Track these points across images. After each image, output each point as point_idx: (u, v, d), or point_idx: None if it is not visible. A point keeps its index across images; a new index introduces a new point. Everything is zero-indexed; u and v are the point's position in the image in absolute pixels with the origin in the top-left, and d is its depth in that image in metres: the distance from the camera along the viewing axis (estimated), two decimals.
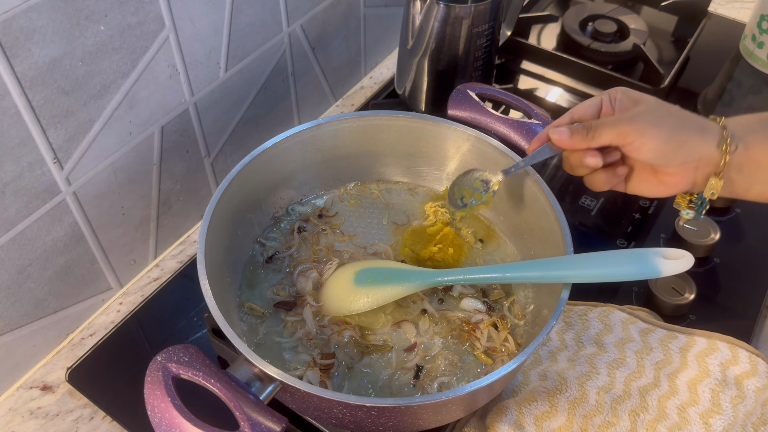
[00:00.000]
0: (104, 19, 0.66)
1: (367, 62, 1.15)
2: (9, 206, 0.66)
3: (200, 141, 0.86)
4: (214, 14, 0.79)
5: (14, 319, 0.71)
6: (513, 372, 0.57)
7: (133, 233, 0.82)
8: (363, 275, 0.69)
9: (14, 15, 0.58)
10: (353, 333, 0.67)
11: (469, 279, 0.67)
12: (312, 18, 0.95)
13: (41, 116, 0.64)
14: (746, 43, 1.18)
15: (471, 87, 0.76)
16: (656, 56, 1.16)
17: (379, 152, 0.80)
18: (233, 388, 0.52)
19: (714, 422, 0.67)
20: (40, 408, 0.74)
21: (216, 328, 0.62)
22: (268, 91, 0.94)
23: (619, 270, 0.60)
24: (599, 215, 0.92)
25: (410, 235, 0.76)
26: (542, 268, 0.63)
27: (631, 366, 0.71)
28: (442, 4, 0.88)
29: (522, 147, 0.73)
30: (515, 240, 0.76)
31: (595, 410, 0.68)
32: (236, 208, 0.70)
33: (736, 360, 0.71)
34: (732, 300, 0.83)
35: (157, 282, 0.85)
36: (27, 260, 0.70)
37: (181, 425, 0.49)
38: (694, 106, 1.11)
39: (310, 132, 0.74)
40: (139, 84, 0.73)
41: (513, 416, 0.67)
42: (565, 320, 0.77)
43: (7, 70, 0.60)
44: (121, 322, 0.80)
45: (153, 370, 0.51)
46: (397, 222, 0.78)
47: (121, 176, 0.77)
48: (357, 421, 0.57)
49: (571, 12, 1.21)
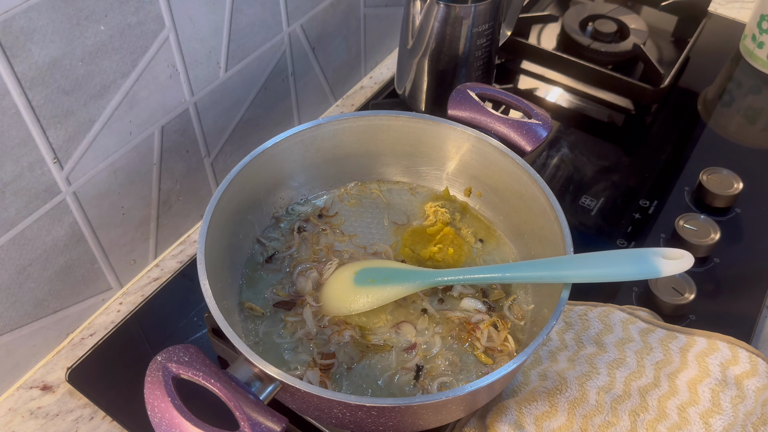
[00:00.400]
0: (104, 19, 0.66)
1: (367, 62, 1.15)
2: (9, 206, 0.66)
3: (200, 141, 0.86)
4: (214, 14, 0.79)
5: (14, 319, 0.72)
6: (513, 372, 0.57)
7: (133, 233, 0.82)
8: (363, 275, 0.69)
9: (14, 15, 0.58)
10: (353, 333, 0.67)
11: (469, 279, 0.67)
12: (312, 18, 0.95)
13: (41, 116, 0.64)
14: (746, 43, 1.18)
15: (471, 87, 0.76)
16: (656, 56, 1.16)
17: (379, 152, 0.80)
18: (233, 388, 0.52)
19: (714, 422, 0.67)
20: (40, 408, 0.74)
21: (216, 328, 0.62)
22: (268, 91, 0.94)
23: (619, 270, 0.60)
24: (599, 215, 0.92)
25: (410, 235, 0.76)
26: (542, 268, 0.63)
27: (631, 366, 0.71)
28: (442, 4, 0.88)
29: (522, 147, 0.73)
30: (515, 240, 0.76)
31: (595, 410, 0.68)
32: (236, 208, 0.70)
33: (736, 360, 0.71)
34: (732, 300, 0.83)
35: (157, 282, 0.85)
36: (27, 260, 0.70)
37: (181, 425, 0.49)
38: (694, 106, 1.11)
39: (310, 132, 0.74)
40: (139, 84, 0.73)
41: (513, 416, 0.67)
42: (565, 320, 0.77)
43: (7, 70, 0.60)
44: (121, 322, 0.80)
45: (153, 370, 0.51)
46: (397, 222, 0.78)
47: (121, 176, 0.77)
48: (357, 421, 0.57)
49: (571, 12, 1.21)
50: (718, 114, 1.10)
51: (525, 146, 0.73)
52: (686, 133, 1.06)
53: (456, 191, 0.81)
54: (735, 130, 1.08)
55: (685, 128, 1.07)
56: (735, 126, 1.08)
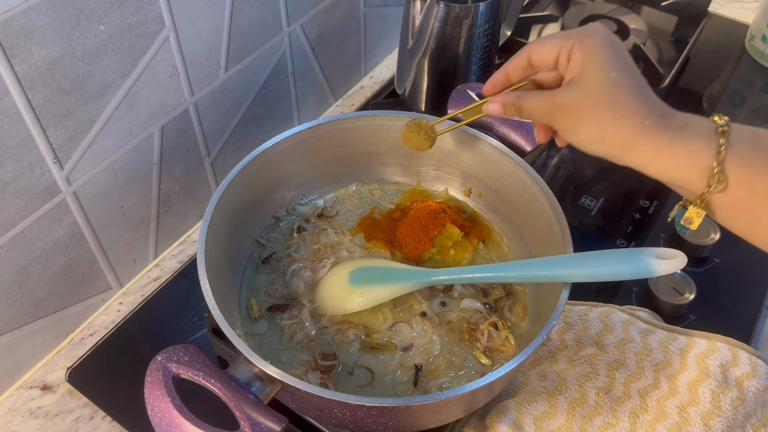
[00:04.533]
0: (104, 19, 0.66)
1: (367, 62, 1.15)
2: (9, 206, 0.66)
3: (200, 141, 0.86)
4: (214, 14, 0.79)
5: (14, 319, 0.72)
6: (513, 372, 0.57)
7: (133, 233, 0.82)
8: (358, 274, 0.69)
9: (14, 15, 0.58)
10: (357, 332, 0.67)
11: (464, 278, 0.67)
12: (312, 18, 0.95)
13: (41, 116, 0.64)
14: (755, 44, 1.17)
15: (471, 87, 0.76)
16: (656, 56, 1.16)
17: (379, 152, 0.80)
18: (233, 388, 0.52)
19: (714, 424, 0.67)
20: (40, 408, 0.74)
21: (216, 328, 0.62)
22: (268, 91, 0.94)
23: (613, 269, 0.60)
24: (599, 215, 0.92)
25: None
26: (535, 267, 0.63)
27: (631, 367, 0.71)
28: (442, 4, 0.88)
29: (522, 147, 0.73)
30: (515, 240, 0.76)
31: (595, 411, 0.68)
32: (236, 208, 0.70)
33: (736, 361, 0.71)
34: (732, 300, 0.83)
35: (157, 282, 0.85)
36: (27, 260, 0.70)
37: (181, 425, 0.49)
38: (694, 106, 1.11)
39: (310, 132, 0.74)
40: (139, 84, 0.73)
41: (512, 416, 0.67)
42: (565, 320, 0.77)
43: (7, 70, 0.60)
44: (121, 322, 0.80)
45: (153, 370, 0.51)
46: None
47: (121, 176, 0.77)
48: (357, 421, 0.57)
49: (571, 12, 1.21)
50: (727, 114, 1.09)
51: (525, 146, 0.73)
52: None
53: (456, 191, 0.81)
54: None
55: None
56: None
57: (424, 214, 0.74)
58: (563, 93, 0.53)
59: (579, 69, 0.53)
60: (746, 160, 0.49)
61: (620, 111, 0.51)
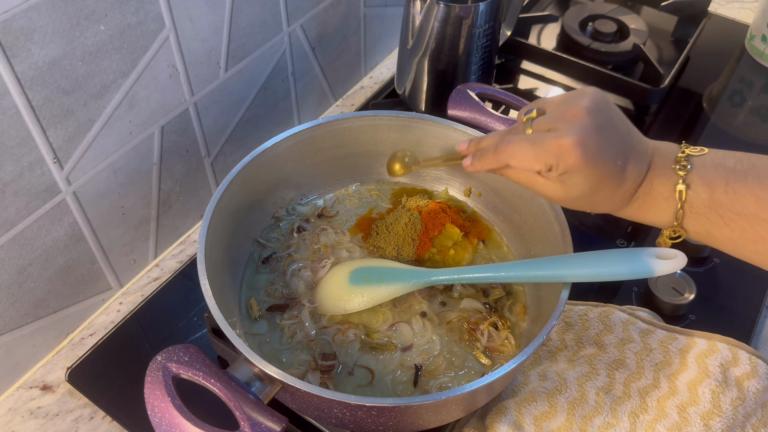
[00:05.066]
0: (104, 18, 0.66)
1: (367, 62, 1.15)
2: (9, 206, 0.66)
3: (200, 141, 0.86)
4: (214, 14, 0.79)
5: (14, 319, 0.72)
6: (513, 372, 0.57)
7: (133, 233, 0.82)
8: (358, 274, 0.69)
9: (14, 15, 0.58)
10: (357, 332, 0.67)
11: (464, 278, 0.67)
12: (312, 18, 0.95)
13: (41, 116, 0.64)
14: (755, 44, 1.17)
15: (471, 87, 0.76)
16: (656, 56, 1.16)
17: (379, 152, 0.80)
18: (233, 388, 0.52)
19: (714, 424, 0.67)
20: (40, 408, 0.74)
21: (216, 328, 0.62)
22: (268, 91, 0.94)
23: (612, 269, 0.60)
24: (599, 215, 0.92)
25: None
26: (534, 267, 0.63)
27: (631, 367, 0.71)
28: (442, 4, 0.88)
29: None
30: (515, 240, 0.76)
31: (595, 411, 0.68)
32: (236, 208, 0.70)
33: (736, 361, 0.71)
34: (732, 300, 0.83)
35: (157, 282, 0.85)
36: (27, 260, 0.70)
37: (181, 425, 0.49)
38: (694, 106, 1.11)
39: (310, 132, 0.74)
40: (139, 84, 0.73)
41: (512, 416, 0.67)
42: (565, 320, 0.77)
43: (7, 70, 0.60)
44: (121, 322, 0.80)
45: (153, 369, 0.51)
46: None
47: (121, 176, 0.77)
48: (357, 421, 0.57)
49: (571, 12, 1.21)
50: (727, 114, 1.10)
51: None
52: (687, 133, 1.06)
53: (456, 191, 0.81)
54: (744, 130, 1.08)
55: (685, 128, 1.07)
56: (744, 126, 1.08)
57: (424, 214, 0.74)
58: (547, 188, 0.57)
59: (550, 120, 0.58)
60: (701, 214, 0.55)
61: (599, 207, 0.58)
